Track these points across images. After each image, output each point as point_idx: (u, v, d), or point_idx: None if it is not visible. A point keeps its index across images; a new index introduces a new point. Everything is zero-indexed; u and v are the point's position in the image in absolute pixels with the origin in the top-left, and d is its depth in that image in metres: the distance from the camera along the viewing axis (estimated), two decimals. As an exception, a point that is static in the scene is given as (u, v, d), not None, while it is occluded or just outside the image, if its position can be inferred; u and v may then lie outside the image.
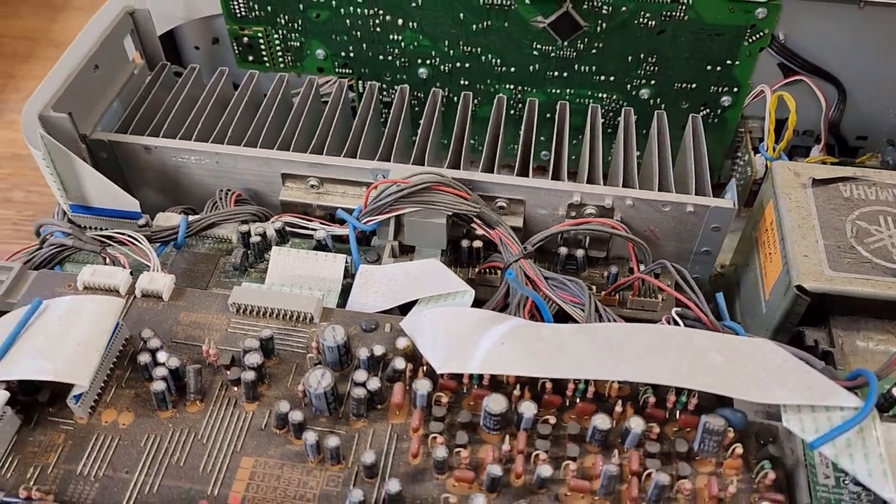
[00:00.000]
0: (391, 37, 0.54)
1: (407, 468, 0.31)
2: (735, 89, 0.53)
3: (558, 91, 0.55)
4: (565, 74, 0.54)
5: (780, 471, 0.31)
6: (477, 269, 0.44)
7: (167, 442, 0.32)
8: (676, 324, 0.35)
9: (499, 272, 0.43)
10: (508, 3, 0.51)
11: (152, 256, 0.38)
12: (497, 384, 0.33)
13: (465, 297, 0.36)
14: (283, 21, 0.55)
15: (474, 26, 0.53)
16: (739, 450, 0.31)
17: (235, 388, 0.33)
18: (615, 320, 0.36)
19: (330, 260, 0.41)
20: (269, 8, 0.54)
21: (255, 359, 0.33)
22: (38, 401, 0.33)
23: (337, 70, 0.57)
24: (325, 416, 0.33)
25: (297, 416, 0.31)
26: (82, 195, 0.43)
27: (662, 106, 0.55)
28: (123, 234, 0.39)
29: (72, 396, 0.32)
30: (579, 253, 0.45)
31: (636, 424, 0.31)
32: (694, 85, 0.53)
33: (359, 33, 0.54)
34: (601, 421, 0.31)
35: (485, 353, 0.32)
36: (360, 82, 0.57)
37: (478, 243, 0.44)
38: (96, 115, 0.47)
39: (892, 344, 0.40)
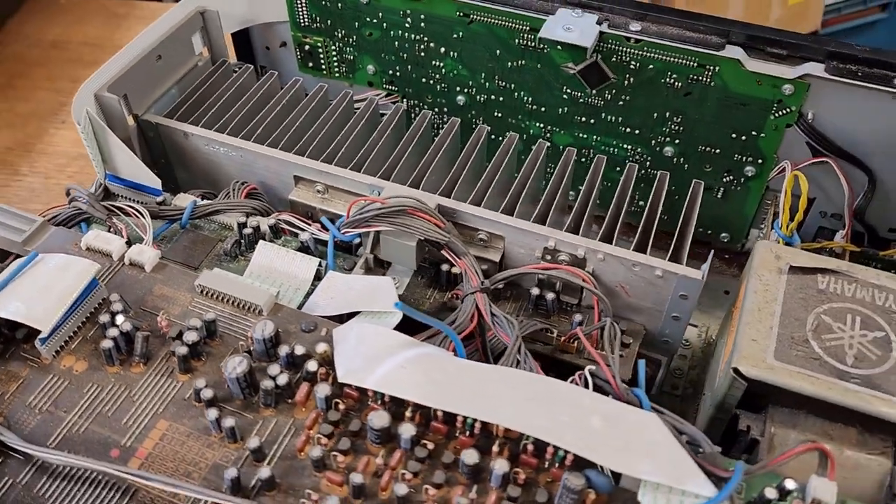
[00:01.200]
0: (434, 62, 0.57)
1: (292, 460, 0.34)
2: (760, 161, 0.53)
3: (585, 136, 0.56)
4: (592, 121, 0.55)
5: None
6: (447, 295, 0.46)
7: (105, 393, 0.37)
8: (586, 382, 0.36)
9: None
10: (542, 47, 0.53)
11: (148, 231, 0.43)
12: (398, 403, 0.36)
13: (391, 318, 0.39)
14: (340, 34, 0.59)
15: (509, 63, 0.55)
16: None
17: (175, 360, 0.38)
18: (532, 368, 0.37)
19: (306, 261, 0.44)
20: (329, 21, 0.58)
21: (192, 336, 0.37)
22: (16, 337, 0.38)
23: (385, 86, 0.61)
24: (239, 400, 0.36)
25: (207, 393, 0.35)
26: (115, 168, 0.49)
27: (686, 167, 0.55)
28: (132, 206, 0.45)
29: (39, 339, 0.37)
30: (549, 296, 0.46)
31: (500, 466, 0.32)
32: (718, 150, 0.53)
33: (405, 55, 0.58)
34: (468, 455, 0.33)
35: (384, 373, 0.34)
36: (405, 101, 0.61)
37: (456, 269, 0.46)
38: (152, 98, 0.53)
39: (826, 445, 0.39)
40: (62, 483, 0.34)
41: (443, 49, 0.56)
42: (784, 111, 0.49)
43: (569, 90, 0.54)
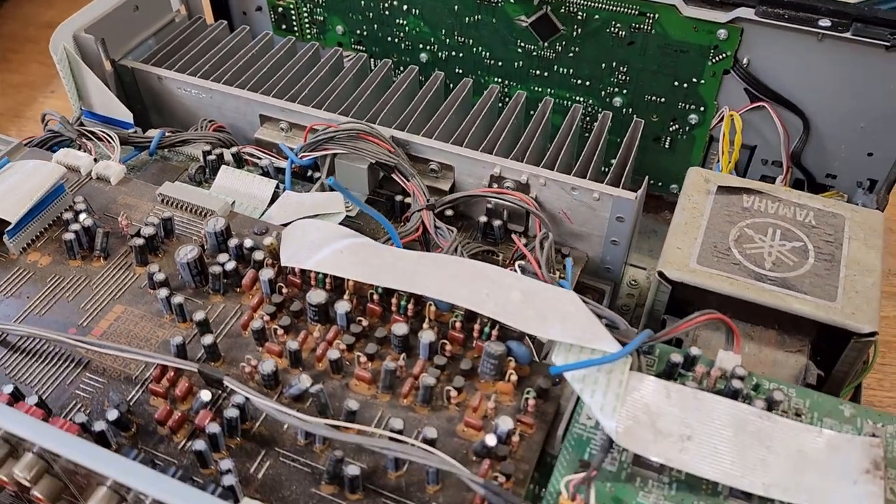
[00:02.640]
0: (398, 21, 0.61)
1: (236, 338, 0.37)
2: (702, 108, 0.56)
3: (540, 89, 0.60)
4: (546, 74, 0.58)
5: (546, 403, 0.34)
6: (401, 220, 0.49)
7: (66, 283, 0.39)
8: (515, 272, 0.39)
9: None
10: (497, 0, 0.56)
11: (116, 150, 0.46)
12: (339, 289, 0.38)
13: (336, 218, 0.41)
14: (309, -4, 0.62)
15: (467, 18, 0.58)
16: (514, 377, 0.34)
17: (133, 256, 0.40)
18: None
19: (264, 183, 0.47)
20: (300, -17, 0.62)
21: (148, 230, 0.40)
22: (-14, 235, 0.41)
23: (353, 46, 0.64)
24: (191, 288, 0.39)
25: (160, 276, 0.38)
26: (90, 104, 0.52)
27: (634, 116, 0.58)
28: (104, 132, 0.48)
29: (6, 232, 0.40)
30: (497, 223, 0.49)
31: (426, 336, 0.35)
32: (663, 99, 0.56)
33: (371, 14, 0.61)
34: (398, 328, 0.35)
35: (323, 256, 0.37)
36: (372, 60, 0.64)
37: (409, 199, 0.49)
38: (129, 46, 0.56)
39: (746, 345, 0.41)
40: (22, 356, 0.36)
41: (405, 6, 0.59)
42: (720, 56, 0.52)
43: (523, 44, 0.58)
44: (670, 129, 0.58)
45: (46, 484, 0.30)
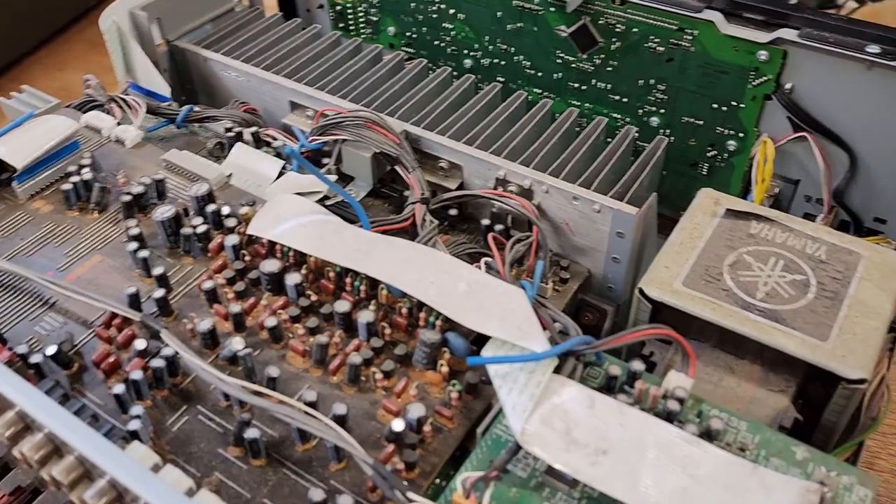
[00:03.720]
0: (444, 25, 0.61)
1: (194, 298, 0.38)
2: (741, 134, 0.53)
3: (577, 103, 0.58)
4: (584, 88, 0.57)
5: (476, 400, 0.33)
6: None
7: (58, 230, 0.42)
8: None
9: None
10: (538, 8, 0.55)
11: (139, 117, 0.48)
12: (301, 264, 0.38)
13: (314, 196, 0.42)
14: (365, -4, 0.64)
15: (509, 26, 0.58)
16: (445, 369, 0.33)
17: (125, 211, 0.42)
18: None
19: (272, 162, 0.48)
20: (357, -17, 0.64)
21: (137, 189, 0.41)
22: (1, 179, 0.44)
23: (403, 48, 0.65)
24: (166, 247, 0.40)
25: (134, 231, 0.39)
26: (135, 77, 0.55)
27: (672, 139, 0.55)
28: (134, 100, 0.50)
29: (15, 177, 0.42)
30: (498, 227, 0.48)
31: (364, 316, 0.34)
32: (701, 122, 0.54)
33: (421, 17, 0.62)
34: (340, 305, 0.35)
35: (286, 228, 0.37)
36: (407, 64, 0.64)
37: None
38: (186, 28, 0.59)
39: (719, 376, 0.38)
40: (3, 293, 0.38)
41: (452, 11, 0.60)
42: (761, 79, 0.49)
43: (562, 54, 0.56)
44: (707, 154, 0.55)
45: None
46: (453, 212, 0.48)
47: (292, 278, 0.36)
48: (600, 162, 0.48)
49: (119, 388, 0.32)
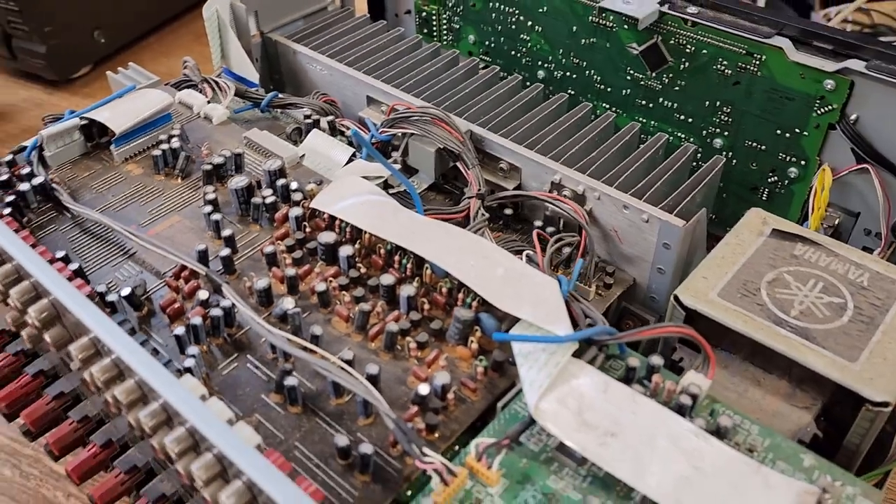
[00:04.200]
0: (521, 36, 0.63)
1: (257, 261, 0.41)
2: (802, 162, 0.53)
3: (643, 120, 0.59)
4: (651, 105, 0.59)
5: (501, 378, 0.35)
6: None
7: (145, 191, 0.46)
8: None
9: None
10: (612, 25, 0.57)
11: (227, 99, 0.53)
12: (355, 239, 0.41)
13: (375, 180, 0.45)
14: (450, 3, 0.67)
15: (583, 40, 0.60)
16: (475, 345, 0.35)
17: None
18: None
19: (343, 148, 0.51)
20: (443, -10, 0.67)
21: (218, 160, 0.45)
22: (101, 142, 0.49)
23: (481, 56, 0.67)
24: (237, 214, 0.44)
25: (210, 196, 0.43)
26: (229, 63, 0.59)
27: (734, 162, 0.56)
28: (226, 83, 0.54)
29: (113, 141, 0.47)
30: (550, 229, 0.50)
31: (406, 290, 0.37)
32: (763, 147, 0.54)
33: (500, 27, 0.64)
34: (385, 278, 0.37)
35: (346, 205, 0.40)
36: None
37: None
38: (280, 22, 0.64)
39: (745, 387, 0.39)
40: (89, 237, 0.43)
41: (529, 23, 0.62)
42: (826, 108, 0.50)
43: (632, 71, 0.58)
44: (769, 179, 0.55)
45: (55, 332, 0.35)
46: (508, 211, 0.51)
47: (345, 250, 0.39)
48: (655, 175, 0.49)
49: (180, 330, 0.35)
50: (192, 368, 0.34)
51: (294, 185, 0.44)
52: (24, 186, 0.43)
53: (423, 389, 0.33)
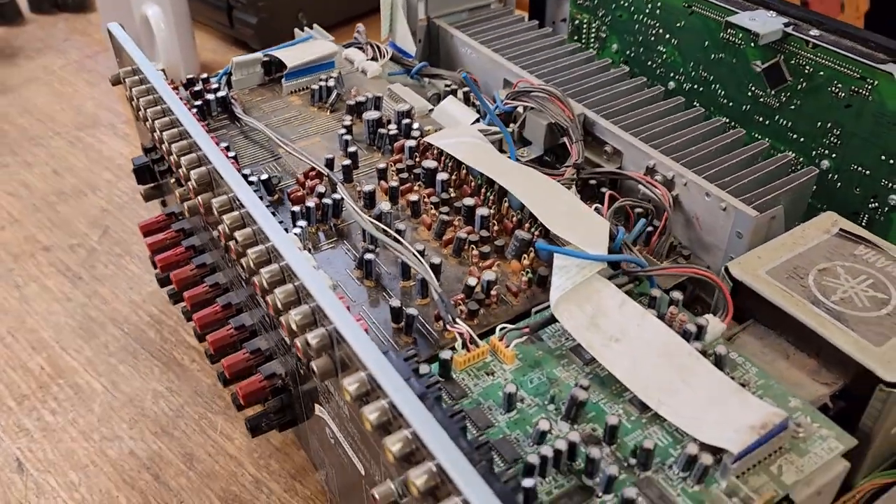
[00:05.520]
0: (658, 47, 0.69)
1: (370, 175, 0.49)
2: (903, 190, 0.54)
3: (759, 136, 0.63)
4: (767, 122, 0.62)
5: (545, 292, 0.40)
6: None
7: (300, 116, 0.56)
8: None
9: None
10: (741, 42, 0.61)
11: (383, 60, 0.62)
12: (454, 170, 0.48)
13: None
14: (600, 13, 0.73)
15: (712, 55, 0.64)
16: (526, 260, 0.41)
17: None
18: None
19: (469, 113, 0.59)
20: (595, 1, 0.73)
21: (360, 99, 0.54)
22: (276, 76, 0.59)
23: (621, 64, 0.73)
24: (365, 143, 0.53)
25: (347, 123, 0.52)
26: (394, 36, 0.69)
27: (838, 184, 0.58)
28: (386, 49, 0.64)
29: (285, 75, 0.58)
30: (638, 210, 0.54)
31: (482, 211, 0.44)
32: (868, 172, 0.56)
33: (641, 38, 0.70)
34: (468, 200, 0.44)
35: (450, 142, 0.48)
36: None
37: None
38: (446, 11, 0.73)
39: (773, 357, 0.42)
40: (249, 143, 0.53)
41: (668, 35, 0.67)
42: (930, 137, 0.51)
43: (753, 88, 0.62)
44: (869, 205, 0.57)
45: (206, 196, 0.45)
46: (604, 189, 0.56)
47: (441, 176, 0.46)
48: (746, 173, 0.53)
49: (295, 208, 0.44)
50: (297, 235, 0.42)
51: (415, 125, 0.52)
52: (209, 97, 0.55)
53: (472, 281, 0.39)
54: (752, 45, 0.60)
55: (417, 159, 0.50)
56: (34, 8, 1.13)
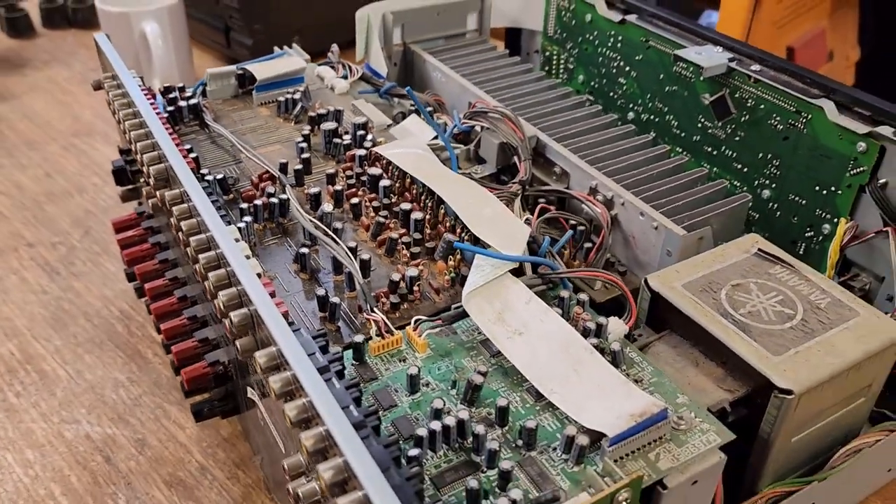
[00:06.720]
0: (619, 79, 0.72)
1: (322, 181, 0.52)
2: (835, 220, 0.57)
3: (707, 166, 0.65)
4: (714, 153, 0.65)
5: (462, 287, 0.43)
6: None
7: (265, 125, 0.59)
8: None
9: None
10: (691, 76, 0.64)
11: (352, 78, 0.66)
12: (398, 179, 0.52)
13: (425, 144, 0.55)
14: (568, 46, 0.77)
15: (667, 87, 0.67)
16: (452, 262, 0.44)
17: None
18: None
19: (428, 131, 0.62)
20: (564, 34, 0.77)
21: (321, 111, 0.58)
22: (248, 88, 0.63)
23: (587, 95, 0.76)
24: (321, 152, 0.56)
25: (305, 132, 0.55)
26: (368, 57, 0.73)
27: (777, 213, 0.61)
28: (356, 68, 0.68)
29: (255, 87, 0.61)
30: (581, 228, 0.57)
31: (416, 214, 0.46)
32: (804, 202, 0.59)
33: (604, 70, 0.73)
34: (405, 205, 0.47)
35: (398, 152, 0.51)
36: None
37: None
38: (422, 37, 0.77)
39: (683, 364, 0.44)
40: (215, 148, 0.57)
41: (628, 68, 0.71)
42: (858, 170, 0.54)
43: (703, 120, 0.65)
44: (805, 234, 0.59)
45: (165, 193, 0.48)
46: (551, 208, 0.59)
47: (384, 182, 0.49)
48: (681, 196, 0.56)
49: (244, 205, 0.47)
50: (241, 229, 0.45)
51: (369, 137, 0.55)
52: (182, 104, 0.58)
53: (395, 276, 0.42)
54: (701, 78, 0.63)
55: (366, 167, 0.53)
56: (46, 22, 1.18)
